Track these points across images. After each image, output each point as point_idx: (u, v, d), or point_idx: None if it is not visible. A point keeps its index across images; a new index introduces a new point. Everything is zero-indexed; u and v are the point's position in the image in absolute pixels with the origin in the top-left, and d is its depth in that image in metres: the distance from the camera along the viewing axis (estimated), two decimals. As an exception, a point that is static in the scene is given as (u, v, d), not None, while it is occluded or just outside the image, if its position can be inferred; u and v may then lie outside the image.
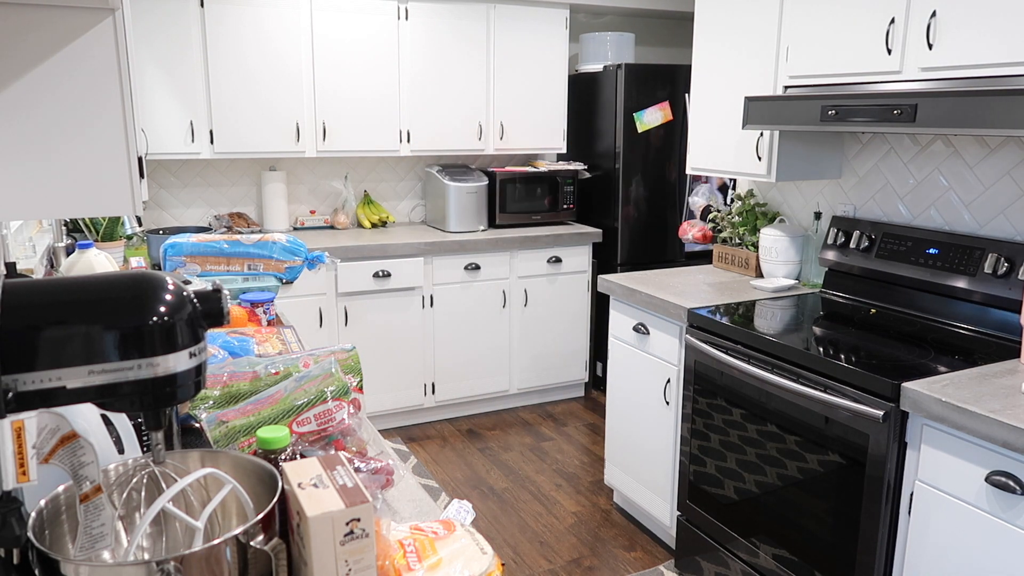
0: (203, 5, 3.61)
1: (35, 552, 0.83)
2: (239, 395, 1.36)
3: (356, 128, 4.00)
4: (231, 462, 1.03)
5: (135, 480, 0.99)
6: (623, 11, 4.73)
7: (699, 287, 2.93)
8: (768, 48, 2.73)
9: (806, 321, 2.53)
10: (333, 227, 4.32)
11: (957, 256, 2.39)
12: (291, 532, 0.94)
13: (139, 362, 0.78)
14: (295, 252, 2.19)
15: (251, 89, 3.77)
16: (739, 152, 2.89)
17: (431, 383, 4.13)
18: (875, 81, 2.32)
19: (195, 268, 2.12)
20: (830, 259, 2.80)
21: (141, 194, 1.23)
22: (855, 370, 2.01)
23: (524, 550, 3.01)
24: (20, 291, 0.77)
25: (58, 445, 0.86)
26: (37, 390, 0.75)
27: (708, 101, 3.06)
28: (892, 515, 1.98)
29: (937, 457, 1.84)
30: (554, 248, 4.25)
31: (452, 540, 1.04)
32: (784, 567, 2.29)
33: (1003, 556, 1.72)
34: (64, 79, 1.00)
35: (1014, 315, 2.22)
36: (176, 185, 4.05)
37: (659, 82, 4.24)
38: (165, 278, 0.83)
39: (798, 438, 2.21)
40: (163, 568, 0.80)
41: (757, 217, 3.20)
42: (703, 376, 2.57)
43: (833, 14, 2.44)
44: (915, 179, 2.62)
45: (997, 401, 1.76)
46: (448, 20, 4.10)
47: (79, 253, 2.33)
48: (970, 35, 2.03)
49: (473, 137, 4.29)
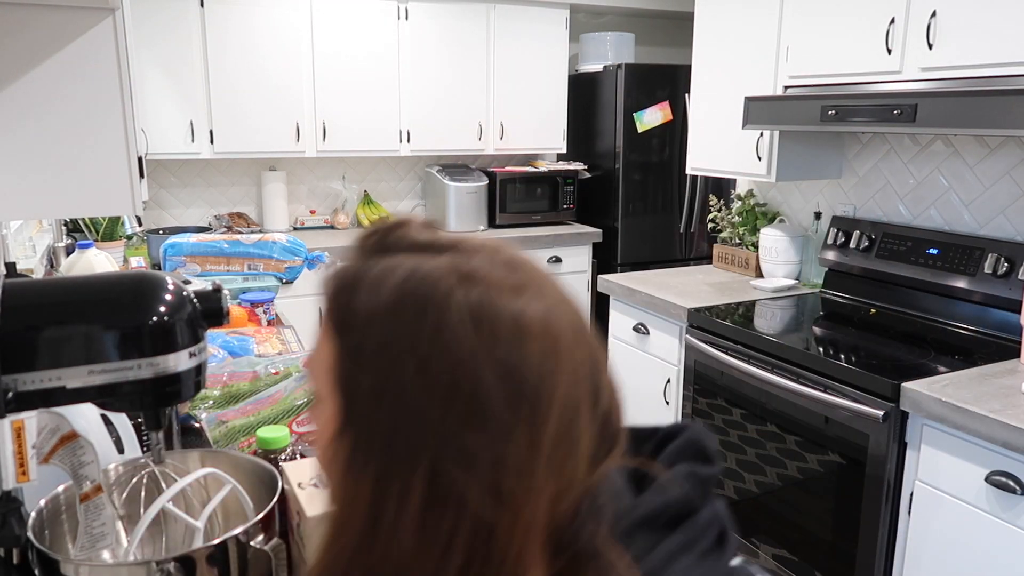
0: (203, 5, 3.61)
1: (35, 552, 0.83)
2: (239, 395, 1.36)
3: (356, 128, 4.00)
4: (231, 462, 1.03)
5: (135, 480, 0.99)
6: (623, 11, 4.73)
7: (699, 287, 2.93)
8: (768, 48, 2.72)
9: (806, 321, 2.53)
10: (333, 227, 4.32)
11: (957, 256, 2.39)
12: (291, 532, 0.94)
13: (139, 362, 0.78)
14: (295, 252, 2.19)
15: (251, 89, 3.77)
16: (739, 152, 2.89)
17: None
18: (875, 81, 2.32)
19: (195, 268, 2.12)
20: (830, 259, 2.80)
21: (141, 194, 1.23)
22: (855, 370, 2.01)
23: (524, 550, 3.00)
24: (20, 291, 0.77)
25: (58, 445, 0.86)
26: (37, 390, 0.75)
27: (708, 101, 3.06)
28: (892, 515, 1.98)
29: (937, 457, 1.84)
30: (554, 248, 4.24)
31: (452, 540, 1.04)
32: (784, 567, 2.29)
33: (1003, 556, 1.72)
34: (64, 79, 1.00)
35: (1014, 315, 2.22)
36: (176, 185, 4.05)
37: (659, 82, 4.24)
38: (165, 278, 0.83)
39: (798, 438, 2.21)
40: (163, 568, 0.80)
41: (757, 217, 3.20)
42: (703, 376, 2.57)
43: (833, 14, 2.44)
44: (915, 179, 2.62)
45: (997, 401, 1.76)
46: (448, 20, 4.10)
47: (79, 253, 2.33)
48: (970, 35, 2.03)
49: (473, 137, 4.28)
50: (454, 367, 0.49)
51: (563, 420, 0.51)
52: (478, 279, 0.52)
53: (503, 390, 0.49)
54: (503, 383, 0.49)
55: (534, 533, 0.50)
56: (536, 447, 0.50)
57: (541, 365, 0.51)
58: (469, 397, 0.49)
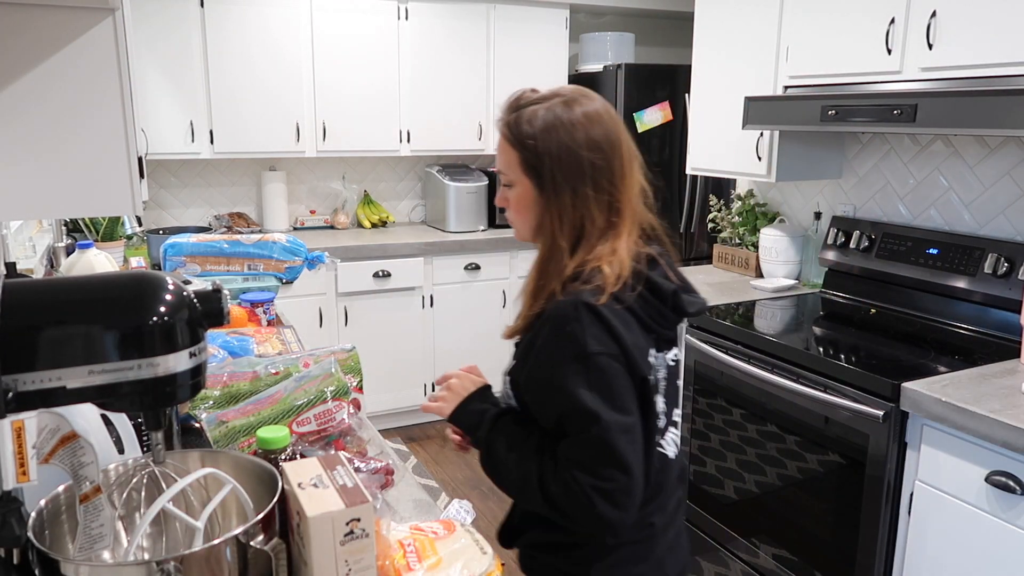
0: (203, 5, 3.61)
1: (35, 552, 0.83)
2: (239, 395, 1.36)
3: (356, 128, 4.00)
4: (231, 462, 1.03)
5: (135, 480, 0.99)
6: (623, 11, 4.73)
7: (699, 287, 2.91)
8: (768, 48, 2.72)
9: (806, 321, 2.53)
10: (333, 227, 4.32)
11: (957, 256, 2.39)
12: (291, 532, 0.94)
13: (139, 362, 0.78)
14: (295, 252, 2.19)
15: (251, 89, 3.77)
16: (739, 152, 2.89)
17: (431, 383, 4.13)
18: (875, 81, 2.32)
19: (195, 268, 2.12)
20: (830, 259, 2.80)
21: (141, 194, 1.23)
22: (855, 370, 2.01)
23: (524, 550, 3.00)
24: (20, 291, 0.77)
25: (58, 445, 0.86)
26: (37, 390, 0.75)
27: (708, 101, 3.06)
28: (892, 515, 1.98)
29: (937, 457, 1.84)
30: (554, 248, 4.24)
31: (452, 540, 1.04)
32: (784, 567, 2.29)
33: (1003, 556, 1.72)
34: (64, 79, 1.00)
35: (1014, 315, 2.22)
36: (176, 185, 4.05)
37: (659, 82, 4.24)
38: (165, 278, 0.83)
39: (798, 438, 2.21)
40: (163, 568, 0.80)
41: (757, 217, 3.20)
42: (703, 376, 2.57)
43: (833, 14, 2.44)
44: (915, 179, 2.62)
45: (997, 401, 1.76)
46: (448, 20, 4.10)
47: (79, 253, 2.33)
48: (970, 35, 2.03)
49: (473, 137, 4.28)
50: (584, 139, 1.12)
51: (628, 155, 1.17)
52: (572, 103, 1.14)
53: (604, 142, 1.14)
54: (604, 139, 1.14)
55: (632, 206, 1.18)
56: (623, 163, 1.16)
57: (614, 130, 1.16)
58: (592, 146, 1.13)
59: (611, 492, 1.05)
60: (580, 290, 1.09)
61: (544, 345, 1.11)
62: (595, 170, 1.12)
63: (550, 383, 1.09)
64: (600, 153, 1.13)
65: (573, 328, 1.07)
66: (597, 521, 1.06)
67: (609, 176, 1.14)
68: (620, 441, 1.05)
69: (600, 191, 1.13)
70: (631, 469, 1.06)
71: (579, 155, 1.11)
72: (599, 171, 1.13)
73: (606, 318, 1.07)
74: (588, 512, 1.06)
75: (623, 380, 1.08)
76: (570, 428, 1.08)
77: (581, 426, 1.06)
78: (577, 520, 1.09)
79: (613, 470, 1.05)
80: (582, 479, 1.05)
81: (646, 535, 1.20)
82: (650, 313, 1.15)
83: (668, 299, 1.17)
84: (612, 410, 1.06)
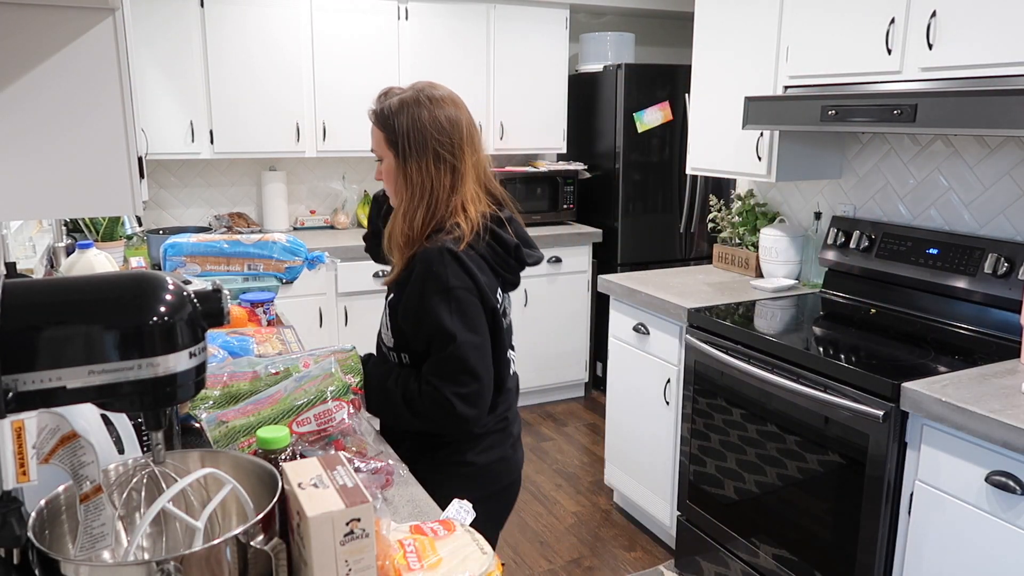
0: (203, 5, 3.61)
1: (35, 552, 0.83)
2: (239, 395, 1.36)
3: (356, 128, 4.00)
4: (231, 462, 1.03)
5: (135, 480, 0.99)
6: (623, 11, 4.73)
7: (699, 287, 2.93)
8: (768, 48, 2.72)
9: (806, 321, 2.53)
10: (333, 227, 4.32)
11: (957, 256, 2.39)
12: (291, 532, 0.94)
13: (139, 362, 0.78)
14: (295, 252, 2.19)
15: (251, 89, 3.77)
16: (739, 152, 2.89)
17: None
18: (875, 81, 2.32)
19: (195, 268, 2.12)
20: (830, 259, 2.80)
21: (141, 194, 1.23)
22: (855, 370, 2.01)
23: (524, 550, 3.01)
24: (20, 291, 0.77)
25: (58, 445, 0.86)
26: (37, 390, 0.75)
27: (708, 101, 3.06)
28: (892, 515, 1.98)
29: (937, 457, 1.84)
30: (554, 248, 4.24)
31: (452, 540, 1.04)
32: (784, 567, 2.29)
33: (1003, 556, 1.72)
34: (64, 79, 1.00)
35: (1014, 315, 2.22)
36: (176, 185, 4.05)
37: (659, 82, 4.24)
38: (165, 278, 0.83)
39: (798, 438, 2.21)
40: (163, 568, 0.80)
41: (757, 217, 3.20)
42: (703, 376, 2.57)
43: (833, 14, 2.44)
44: (915, 179, 2.62)
45: (997, 401, 1.76)
46: (448, 20, 4.10)
47: (79, 253, 2.33)
48: (970, 35, 2.03)
49: (473, 137, 4.28)
50: (429, 119, 1.43)
51: (469, 132, 1.47)
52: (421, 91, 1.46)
53: (446, 122, 1.44)
54: (446, 120, 1.44)
55: (474, 172, 1.48)
56: (464, 138, 1.46)
57: (458, 112, 1.47)
58: (439, 125, 1.44)
59: (466, 396, 1.38)
60: (443, 239, 1.40)
61: (416, 281, 1.41)
62: (439, 144, 1.43)
63: (421, 310, 1.40)
64: (442, 130, 1.43)
65: (438, 268, 1.38)
66: (457, 420, 1.39)
67: (450, 148, 1.44)
68: (472, 355, 1.39)
69: (441, 160, 1.44)
70: (481, 377, 1.40)
71: (425, 132, 1.42)
72: (442, 144, 1.43)
73: (464, 261, 1.39)
74: (450, 413, 1.38)
75: (476, 309, 1.41)
76: (434, 347, 1.40)
77: (443, 344, 1.38)
78: (441, 425, 1.42)
79: (467, 377, 1.38)
80: (443, 388, 1.37)
81: (503, 425, 1.57)
82: (498, 260, 1.47)
83: (511, 250, 1.49)
84: (467, 331, 1.38)
